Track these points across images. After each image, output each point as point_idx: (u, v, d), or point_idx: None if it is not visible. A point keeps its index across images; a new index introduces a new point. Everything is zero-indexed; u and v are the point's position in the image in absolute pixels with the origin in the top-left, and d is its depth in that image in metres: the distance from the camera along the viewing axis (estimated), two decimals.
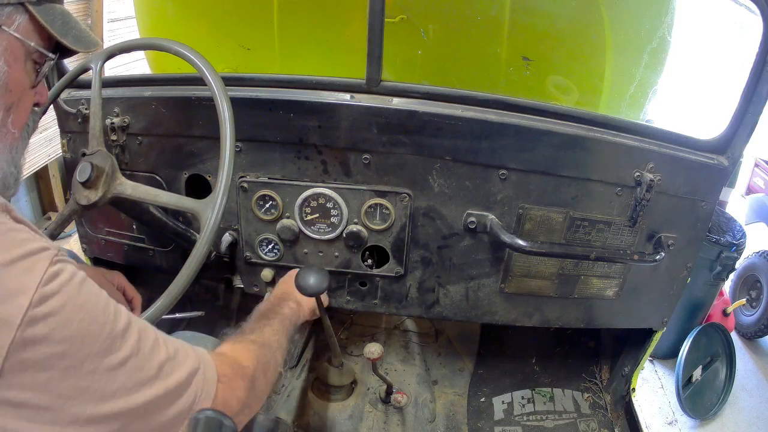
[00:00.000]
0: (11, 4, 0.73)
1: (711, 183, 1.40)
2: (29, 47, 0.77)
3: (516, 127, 1.27)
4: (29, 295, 0.59)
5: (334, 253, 1.44)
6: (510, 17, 1.61)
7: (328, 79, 1.32)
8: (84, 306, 0.65)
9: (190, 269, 1.01)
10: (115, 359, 0.66)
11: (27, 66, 0.78)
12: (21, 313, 0.58)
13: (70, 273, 0.65)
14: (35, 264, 0.62)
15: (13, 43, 0.74)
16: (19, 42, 0.75)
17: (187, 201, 1.08)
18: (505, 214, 1.36)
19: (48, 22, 0.77)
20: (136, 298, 1.37)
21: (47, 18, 0.77)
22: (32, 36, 0.77)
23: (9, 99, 0.76)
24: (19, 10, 0.74)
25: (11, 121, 0.77)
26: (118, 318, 0.68)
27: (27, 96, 0.80)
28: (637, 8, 1.78)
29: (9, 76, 0.74)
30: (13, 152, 0.80)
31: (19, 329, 0.58)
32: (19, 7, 0.74)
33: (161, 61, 1.95)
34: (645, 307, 1.58)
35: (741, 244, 2.67)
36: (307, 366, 1.93)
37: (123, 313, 0.70)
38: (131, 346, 0.68)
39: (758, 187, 4.36)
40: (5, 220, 0.64)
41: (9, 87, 0.75)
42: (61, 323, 0.61)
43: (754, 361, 3.04)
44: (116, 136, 1.38)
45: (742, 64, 1.33)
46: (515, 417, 1.86)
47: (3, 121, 0.76)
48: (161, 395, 0.70)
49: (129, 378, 0.67)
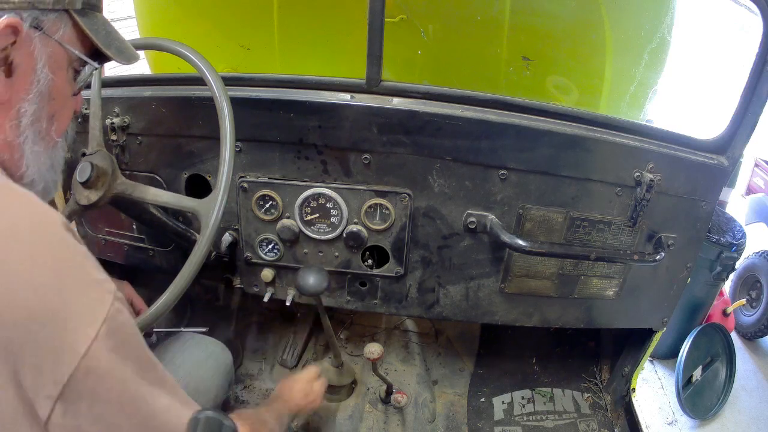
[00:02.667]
0: (56, 10, 0.71)
1: (711, 183, 1.40)
2: (72, 55, 0.76)
3: (516, 127, 1.27)
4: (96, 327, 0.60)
5: (334, 253, 1.44)
6: (510, 17, 1.61)
7: (328, 79, 1.32)
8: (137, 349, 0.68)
9: (190, 269, 1.01)
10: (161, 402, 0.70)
11: (69, 73, 0.77)
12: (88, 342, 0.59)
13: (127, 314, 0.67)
14: (103, 296, 0.63)
15: (57, 51, 0.73)
16: (63, 50, 0.74)
17: (187, 201, 1.08)
18: (505, 214, 1.36)
19: (92, 32, 0.76)
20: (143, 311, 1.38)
21: (91, 27, 0.76)
22: (76, 44, 0.76)
23: (53, 107, 0.75)
24: (63, 18, 0.73)
25: (54, 129, 0.77)
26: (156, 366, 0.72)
27: (69, 104, 0.80)
28: (637, 8, 1.78)
29: (53, 84, 0.73)
30: (53, 159, 0.80)
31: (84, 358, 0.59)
32: (63, 15, 0.72)
33: (161, 61, 1.95)
34: (645, 307, 1.58)
35: (741, 244, 2.67)
36: (307, 366, 1.93)
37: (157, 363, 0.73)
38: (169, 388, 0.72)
39: (758, 187, 4.35)
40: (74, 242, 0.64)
41: (53, 95, 0.74)
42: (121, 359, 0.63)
43: (754, 361, 3.04)
44: (116, 136, 1.38)
45: (742, 64, 1.33)
46: (515, 417, 1.86)
47: (47, 130, 0.76)
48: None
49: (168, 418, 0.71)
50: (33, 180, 0.75)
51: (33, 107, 0.72)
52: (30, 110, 0.71)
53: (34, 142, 0.74)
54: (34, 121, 0.73)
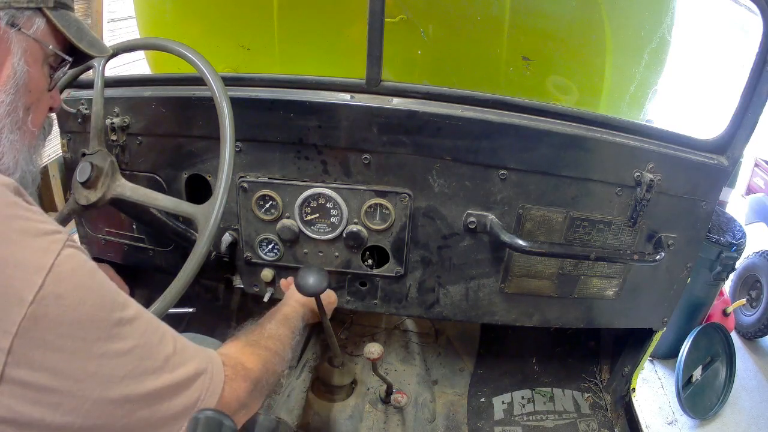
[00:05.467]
0: (30, 8, 0.77)
1: (711, 183, 1.40)
2: (47, 50, 0.81)
3: (516, 127, 1.27)
4: (42, 274, 0.60)
5: (334, 253, 1.44)
6: (510, 17, 1.61)
7: (328, 79, 1.32)
8: (95, 290, 0.66)
9: (190, 269, 1.01)
10: (124, 346, 0.67)
11: (44, 69, 0.82)
12: (34, 289, 0.59)
13: (83, 259, 0.67)
14: (50, 244, 0.63)
15: (32, 45, 0.78)
16: (37, 45, 0.79)
17: (185, 206, 1.08)
18: (505, 214, 1.36)
19: (64, 27, 0.81)
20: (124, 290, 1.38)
21: (63, 23, 0.81)
22: (50, 39, 0.81)
23: (29, 99, 0.80)
24: (38, 15, 0.78)
25: (30, 120, 0.82)
26: (127, 306, 0.70)
27: (45, 98, 0.84)
28: (637, 8, 1.78)
29: (29, 76, 0.78)
30: (31, 151, 0.83)
31: (32, 306, 0.58)
32: (37, 12, 0.78)
33: (161, 61, 1.95)
34: (645, 307, 1.58)
35: (741, 244, 2.67)
36: (307, 366, 1.93)
37: (132, 304, 0.72)
38: (139, 335, 0.69)
39: (758, 187, 4.36)
40: (19, 201, 0.65)
41: (29, 87, 0.79)
42: (72, 305, 0.62)
43: (754, 361, 3.04)
44: (116, 136, 1.38)
45: (742, 64, 1.33)
46: (515, 417, 1.86)
47: (23, 120, 0.80)
48: (166, 387, 0.71)
49: (136, 366, 0.68)
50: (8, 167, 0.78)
51: (9, 98, 0.76)
52: (7, 100, 0.76)
53: (11, 131, 0.78)
54: (11, 111, 0.77)
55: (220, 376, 0.80)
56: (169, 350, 0.73)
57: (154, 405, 0.70)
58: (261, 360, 0.95)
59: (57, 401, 0.61)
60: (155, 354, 0.71)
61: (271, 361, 0.98)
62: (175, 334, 0.78)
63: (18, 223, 0.62)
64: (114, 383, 0.65)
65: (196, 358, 0.78)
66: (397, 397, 1.76)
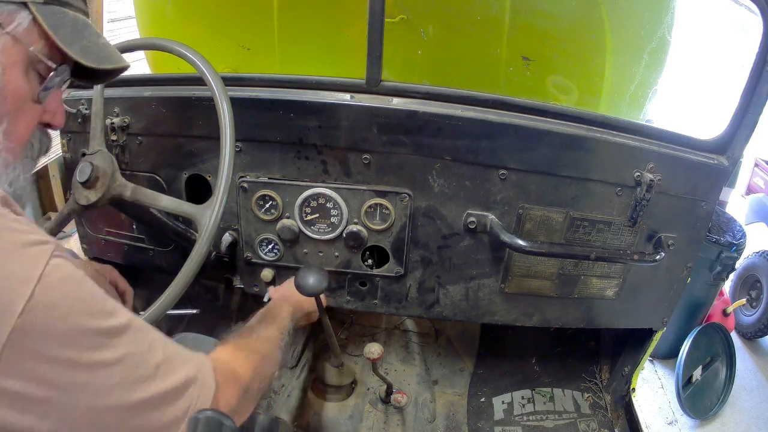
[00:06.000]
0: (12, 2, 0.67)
1: (711, 183, 1.40)
2: (29, 52, 0.69)
3: (516, 127, 1.27)
4: (31, 285, 0.59)
5: (334, 253, 1.44)
6: (510, 17, 1.61)
7: (328, 79, 1.32)
8: (84, 299, 0.65)
9: (190, 269, 1.01)
10: (114, 355, 0.66)
11: (30, 75, 0.71)
12: (23, 300, 0.58)
13: (71, 268, 0.65)
14: (37, 255, 0.62)
15: (9, 43, 0.67)
16: (18, 44, 0.68)
17: (185, 206, 1.08)
18: (505, 214, 1.36)
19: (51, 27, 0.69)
20: (128, 292, 1.37)
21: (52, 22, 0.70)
22: (35, 41, 0.70)
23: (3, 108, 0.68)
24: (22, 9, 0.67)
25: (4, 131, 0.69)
26: (116, 314, 0.68)
27: (27, 109, 0.73)
28: (637, 8, 1.78)
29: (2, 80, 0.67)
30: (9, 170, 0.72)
31: (21, 316, 0.58)
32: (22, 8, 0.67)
33: (161, 61, 1.95)
34: (645, 307, 1.58)
35: (741, 244, 2.67)
36: (307, 366, 1.93)
37: (121, 311, 0.70)
38: (129, 343, 0.68)
39: (758, 187, 4.36)
40: (6, 212, 0.64)
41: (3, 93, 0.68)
42: (61, 315, 0.61)
43: (754, 361, 3.04)
44: (116, 136, 1.38)
45: (742, 64, 1.33)
46: (515, 417, 1.86)
47: None
48: (157, 395, 0.70)
49: (126, 375, 0.67)
50: None
51: None
52: None
53: None
54: None
55: (210, 383, 0.79)
56: (159, 358, 0.72)
57: (145, 414, 0.69)
58: (251, 365, 0.93)
59: (46, 411, 0.61)
60: (145, 362, 0.70)
61: (261, 365, 0.97)
62: (165, 339, 0.76)
63: (5, 234, 0.61)
64: (104, 393, 0.64)
65: (186, 365, 0.76)
66: (397, 397, 1.76)
